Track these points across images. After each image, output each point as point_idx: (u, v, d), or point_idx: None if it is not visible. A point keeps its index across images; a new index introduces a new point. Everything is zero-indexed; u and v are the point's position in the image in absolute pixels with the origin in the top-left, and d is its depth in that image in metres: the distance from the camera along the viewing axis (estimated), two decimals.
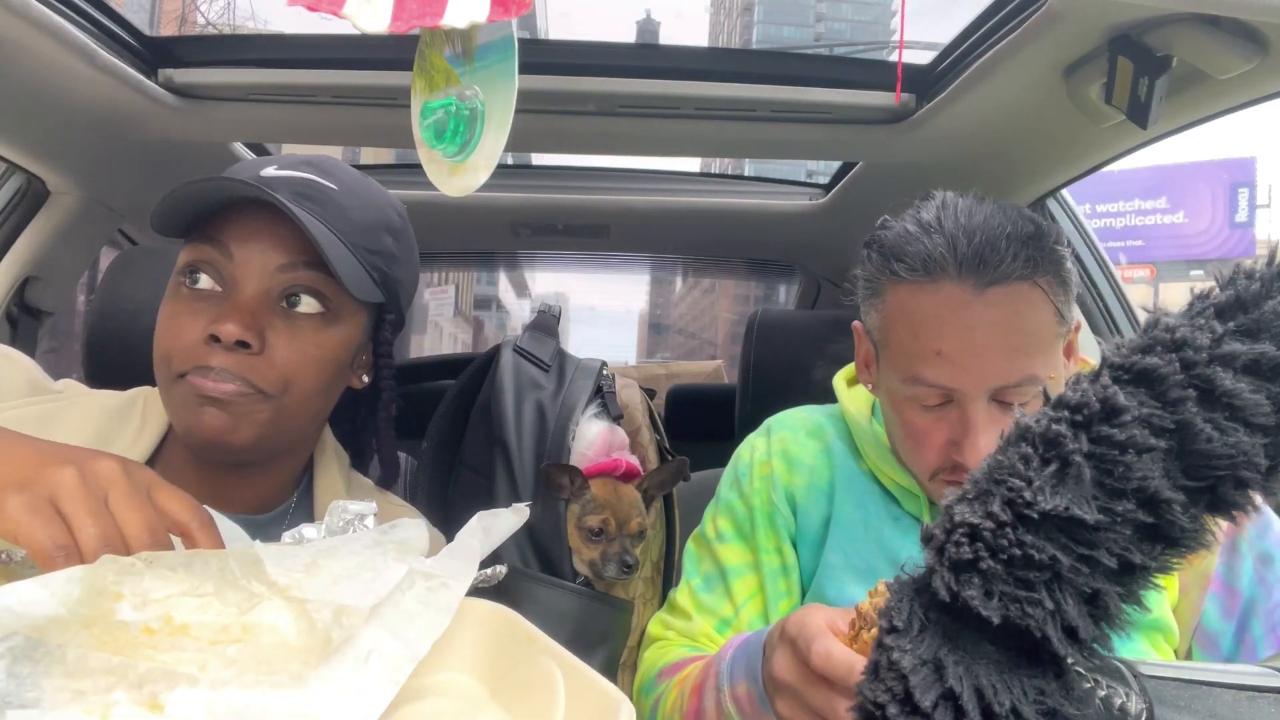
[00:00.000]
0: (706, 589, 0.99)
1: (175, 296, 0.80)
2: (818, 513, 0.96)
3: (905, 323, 0.85)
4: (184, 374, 0.77)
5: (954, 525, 0.36)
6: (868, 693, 0.36)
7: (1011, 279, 0.80)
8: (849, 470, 0.97)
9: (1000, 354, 0.81)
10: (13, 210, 1.43)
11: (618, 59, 1.31)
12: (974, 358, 0.81)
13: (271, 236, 0.79)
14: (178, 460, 0.85)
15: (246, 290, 0.78)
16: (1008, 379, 0.81)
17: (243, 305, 0.77)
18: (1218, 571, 0.86)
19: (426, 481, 1.31)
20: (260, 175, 0.81)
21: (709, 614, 0.97)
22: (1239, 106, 1.05)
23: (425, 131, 0.77)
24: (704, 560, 1.01)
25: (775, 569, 0.96)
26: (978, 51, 1.16)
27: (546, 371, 1.31)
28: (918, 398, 0.85)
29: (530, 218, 2.02)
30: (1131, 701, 0.37)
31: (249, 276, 0.79)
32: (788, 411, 1.06)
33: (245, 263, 0.79)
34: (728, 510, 1.01)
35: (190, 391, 0.77)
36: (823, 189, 1.96)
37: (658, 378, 3.12)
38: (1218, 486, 0.34)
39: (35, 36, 1.06)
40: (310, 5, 0.71)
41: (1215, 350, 0.35)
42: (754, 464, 1.01)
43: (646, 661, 0.99)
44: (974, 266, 0.80)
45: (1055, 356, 0.83)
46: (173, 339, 0.78)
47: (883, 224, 0.90)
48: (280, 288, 0.79)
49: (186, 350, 0.77)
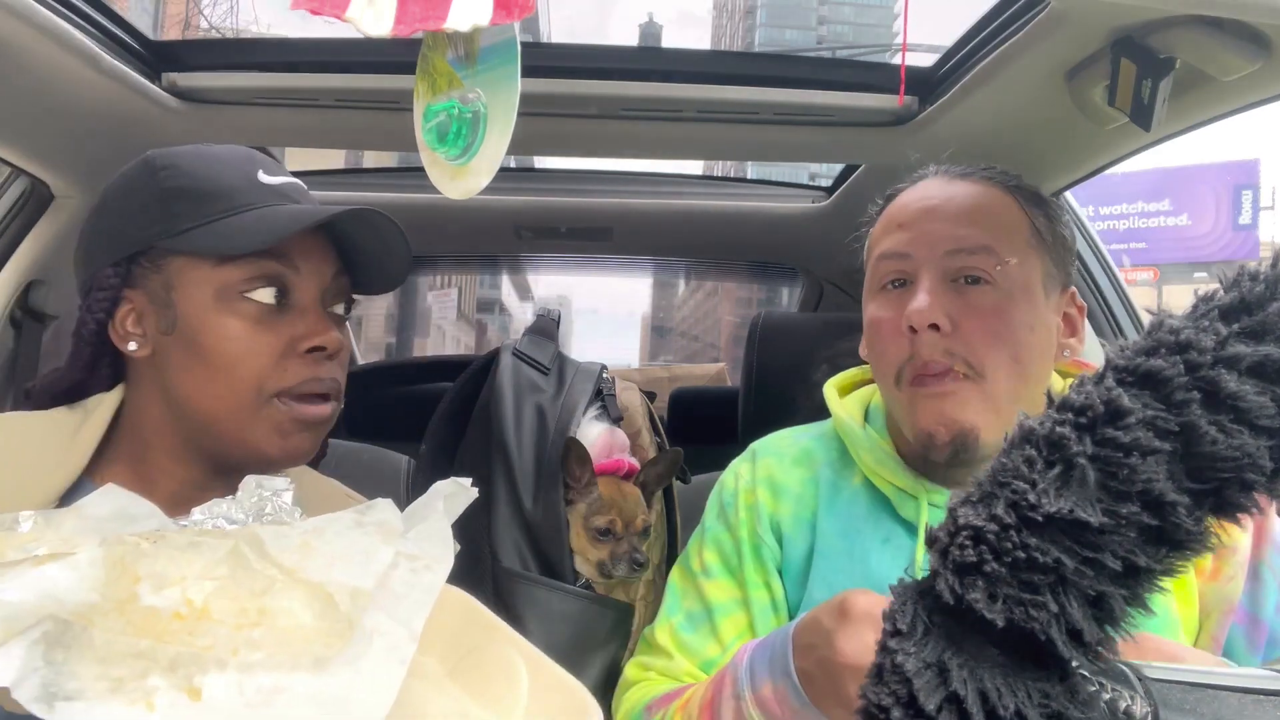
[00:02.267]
0: (690, 628, 0.94)
1: (238, 313, 0.77)
2: (803, 544, 0.93)
3: (882, 220, 0.93)
4: (278, 394, 0.77)
5: (958, 528, 0.36)
6: (871, 696, 0.36)
7: (979, 177, 0.89)
8: (838, 494, 0.93)
9: (953, 220, 0.86)
10: (17, 214, 1.44)
11: (620, 62, 1.32)
12: (927, 221, 0.87)
13: (322, 247, 0.82)
14: (127, 468, 0.81)
15: (305, 300, 0.80)
16: (961, 243, 0.84)
17: (318, 314, 0.81)
18: (1241, 601, 0.82)
19: (425, 483, 1.30)
20: (261, 182, 0.82)
21: (692, 654, 0.93)
22: (1243, 108, 1.05)
23: (428, 134, 0.77)
24: (688, 595, 0.97)
25: (765, 605, 0.93)
26: (980, 54, 1.16)
27: (546, 375, 1.31)
28: (879, 280, 0.89)
29: (533, 220, 2.02)
30: (1136, 705, 0.37)
31: (310, 287, 0.81)
32: (774, 435, 1.04)
33: (310, 274, 0.81)
34: (714, 542, 0.97)
35: (287, 416, 0.78)
36: (825, 191, 1.96)
37: (660, 381, 3.12)
38: (1223, 489, 0.34)
39: (39, 41, 1.06)
40: (314, 9, 0.71)
41: (1220, 352, 0.35)
42: (739, 492, 0.97)
43: (629, 701, 0.93)
44: (947, 169, 0.92)
45: (1022, 251, 0.86)
46: (257, 358, 0.77)
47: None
48: (332, 295, 0.83)
49: (279, 369, 0.77)
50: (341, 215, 0.78)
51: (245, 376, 0.77)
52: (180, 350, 0.78)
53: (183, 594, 0.41)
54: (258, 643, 0.40)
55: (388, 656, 0.41)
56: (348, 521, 0.48)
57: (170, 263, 0.79)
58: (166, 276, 0.79)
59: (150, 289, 0.80)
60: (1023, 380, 0.83)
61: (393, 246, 0.85)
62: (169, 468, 0.82)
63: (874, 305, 0.90)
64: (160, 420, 0.81)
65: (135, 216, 0.80)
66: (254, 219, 0.78)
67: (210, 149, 0.84)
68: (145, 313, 0.80)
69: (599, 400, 1.31)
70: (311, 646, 0.40)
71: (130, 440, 0.82)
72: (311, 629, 0.41)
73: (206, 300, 0.78)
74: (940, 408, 0.83)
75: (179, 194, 0.79)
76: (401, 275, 0.88)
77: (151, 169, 0.81)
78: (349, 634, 0.41)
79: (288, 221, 0.78)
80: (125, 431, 0.83)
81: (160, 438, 0.81)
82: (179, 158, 0.82)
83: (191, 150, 0.83)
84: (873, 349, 0.91)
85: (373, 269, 0.87)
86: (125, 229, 0.80)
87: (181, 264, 0.79)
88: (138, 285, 0.80)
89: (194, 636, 0.39)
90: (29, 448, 0.79)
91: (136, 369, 0.82)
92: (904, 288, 0.88)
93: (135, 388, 0.83)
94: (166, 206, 0.79)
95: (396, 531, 0.48)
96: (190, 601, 0.40)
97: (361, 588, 0.43)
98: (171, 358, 0.79)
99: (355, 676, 0.40)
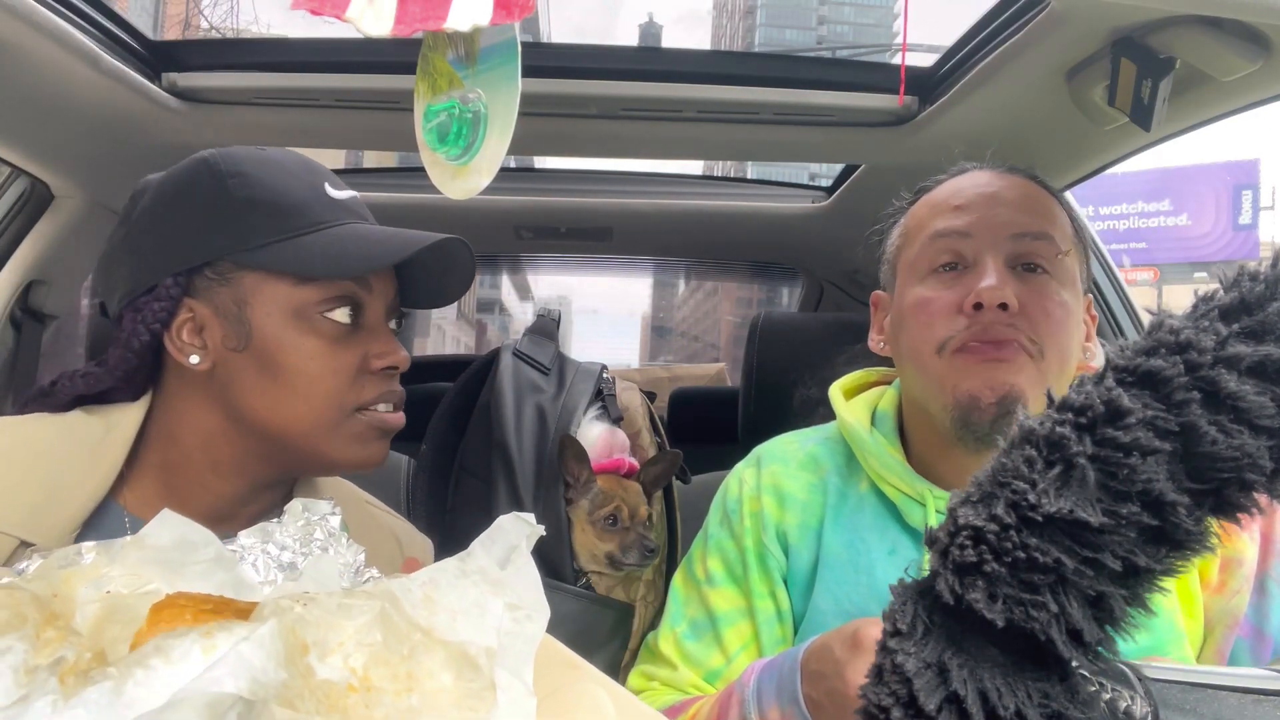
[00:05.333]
0: (694, 636, 0.93)
1: (317, 332, 0.77)
2: (809, 553, 0.91)
3: (926, 205, 0.92)
4: (363, 408, 0.79)
5: (958, 528, 0.36)
6: (871, 696, 0.36)
7: (1026, 175, 0.90)
8: (844, 500, 0.92)
9: (1016, 205, 0.87)
10: (17, 214, 1.44)
11: (620, 62, 1.32)
12: (989, 205, 0.87)
13: (389, 268, 0.83)
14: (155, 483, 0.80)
15: (374, 318, 0.82)
16: (1026, 228, 0.85)
17: (388, 333, 0.83)
18: (1246, 614, 0.81)
19: (425, 484, 1.31)
20: (330, 197, 0.81)
21: (696, 665, 0.92)
22: (1242, 108, 1.05)
23: (428, 135, 0.77)
24: (691, 604, 0.95)
25: (770, 615, 0.91)
26: (980, 54, 1.16)
27: (546, 375, 1.31)
28: (933, 259, 0.88)
29: (533, 220, 2.02)
30: (1136, 705, 0.37)
31: (379, 306, 0.82)
32: (778, 440, 1.02)
33: (380, 294, 0.82)
34: (718, 550, 0.95)
35: (368, 425, 0.80)
36: (825, 191, 1.96)
37: (660, 381, 3.12)
38: (1223, 489, 0.34)
39: (39, 41, 1.06)
40: (314, 9, 0.71)
41: (1220, 352, 0.35)
42: (743, 500, 0.95)
43: None
44: (995, 166, 0.91)
45: (1070, 245, 0.88)
46: (335, 376, 0.78)
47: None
48: (391, 310, 0.85)
49: (356, 386, 0.79)
50: (429, 249, 0.79)
51: (323, 393, 0.77)
52: (253, 367, 0.76)
53: (345, 663, 0.40)
54: (418, 710, 0.39)
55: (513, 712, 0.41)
56: (454, 571, 0.48)
57: (243, 277, 0.76)
58: (238, 291, 0.76)
59: (217, 302, 0.77)
60: (1065, 370, 0.84)
61: (460, 271, 0.87)
62: (208, 481, 0.79)
63: (923, 286, 0.87)
64: (211, 433, 0.78)
65: (203, 226, 0.77)
66: (337, 242, 0.78)
67: (272, 155, 0.82)
68: (208, 325, 0.77)
69: (599, 400, 1.32)
70: (459, 711, 0.40)
71: (161, 453, 0.80)
72: (454, 691, 0.41)
73: (284, 318, 0.76)
74: (993, 371, 0.81)
75: (252, 205, 0.76)
76: (457, 296, 0.90)
77: (217, 175, 0.78)
78: (491, 695, 0.41)
79: (381, 250, 0.79)
80: (155, 444, 0.80)
81: (205, 451, 0.79)
82: (245, 164, 0.78)
83: (254, 156, 0.80)
84: (912, 328, 0.87)
85: (430, 287, 0.88)
86: (191, 237, 0.77)
87: (256, 279, 0.76)
88: (200, 296, 0.77)
89: (369, 709, 0.38)
90: (52, 457, 0.76)
91: (184, 381, 0.79)
92: (958, 271, 0.86)
93: (177, 400, 0.80)
94: (240, 218, 0.76)
95: (500, 581, 0.48)
96: (355, 670, 0.40)
97: (491, 646, 0.43)
98: (242, 374, 0.77)
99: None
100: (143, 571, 0.46)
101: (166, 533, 0.50)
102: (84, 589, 0.43)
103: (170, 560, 0.48)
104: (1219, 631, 0.82)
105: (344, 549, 0.54)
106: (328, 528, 0.55)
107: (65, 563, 0.46)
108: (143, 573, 0.46)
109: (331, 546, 0.54)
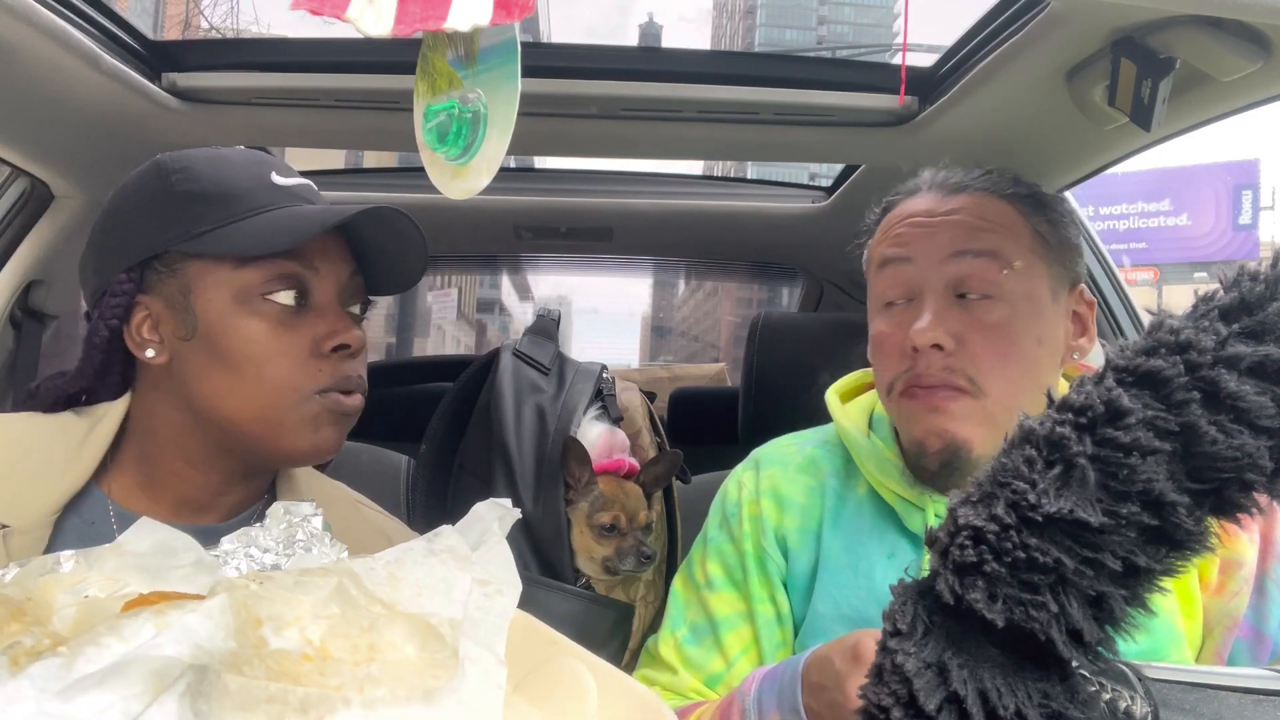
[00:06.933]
0: (694, 641, 0.93)
1: (259, 315, 0.77)
2: (808, 557, 0.91)
3: (881, 230, 0.93)
4: (321, 391, 0.78)
5: (958, 528, 0.36)
6: (871, 696, 0.36)
7: (976, 189, 0.88)
8: (843, 504, 0.92)
9: (955, 225, 0.86)
10: (17, 214, 1.44)
11: (620, 62, 1.32)
12: (928, 228, 0.87)
13: (339, 247, 0.82)
14: (136, 474, 0.81)
15: (324, 300, 0.81)
16: (967, 244, 0.84)
17: (338, 313, 0.81)
18: (1245, 616, 0.81)
19: (425, 484, 1.31)
20: (275, 184, 0.81)
21: (697, 669, 0.92)
22: (1242, 108, 1.05)
23: (428, 135, 0.77)
24: (691, 607, 0.96)
25: (770, 619, 0.91)
26: (980, 54, 1.16)
27: (546, 375, 1.31)
28: (882, 293, 0.89)
29: (533, 221, 2.02)
30: (1137, 705, 0.37)
31: (328, 287, 0.81)
32: (776, 442, 1.02)
33: (328, 275, 0.81)
34: (717, 553, 0.95)
35: (324, 408, 0.79)
36: (825, 192, 1.96)
37: (660, 381, 3.12)
38: (1223, 489, 0.34)
39: (39, 41, 1.06)
40: (314, 9, 0.71)
41: (1220, 352, 0.35)
42: (742, 503, 0.95)
43: None
44: (943, 180, 0.90)
45: (1025, 257, 0.85)
46: (282, 358, 0.77)
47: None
48: (349, 294, 0.83)
49: (309, 370, 0.78)
50: (361, 214, 0.78)
51: (272, 378, 0.77)
52: (201, 355, 0.77)
53: (301, 634, 0.40)
54: (377, 679, 0.40)
55: (483, 683, 0.42)
56: (421, 550, 0.48)
57: (187, 267, 0.78)
58: (183, 281, 0.78)
59: (166, 294, 0.78)
60: (1027, 394, 0.82)
61: (409, 244, 0.85)
62: (183, 473, 0.81)
63: (879, 319, 0.90)
64: (179, 427, 0.80)
65: (149, 221, 0.79)
66: (271, 221, 0.78)
67: (221, 152, 0.84)
68: (162, 318, 0.79)
69: (599, 400, 1.32)
70: (421, 679, 0.40)
71: (139, 446, 0.81)
72: (417, 661, 0.41)
73: (226, 303, 0.77)
74: (932, 419, 0.83)
75: (194, 197, 0.78)
76: (418, 274, 0.88)
77: (164, 172, 0.80)
78: (453, 664, 0.41)
79: (307, 223, 0.77)
80: (134, 438, 0.82)
81: (176, 444, 0.80)
82: (191, 161, 0.80)
83: (203, 153, 0.82)
84: (874, 362, 0.91)
85: (388, 268, 0.87)
86: (139, 234, 0.79)
87: (199, 268, 0.78)
88: (153, 291, 0.79)
89: (325, 677, 0.39)
90: (37, 451, 0.78)
91: (150, 376, 0.81)
92: (903, 306, 0.87)
93: (148, 395, 0.81)
94: (182, 210, 0.78)
95: (468, 558, 0.48)
96: (310, 641, 0.40)
97: (456, 617, 0.43)
98: (192, 363, 0.78)
99: (459, 705, 0.40)
100: (122, 577, 0.46)
101: (145, 539, 0.50)
102: (61, 595, 0.44)
103: (150, 566, 0.49)
104: (1218, 633, 0.82)
105: (327, 548, 0.54)
106: (309, 529, 0.55)
107: (43, 570, 0.46)
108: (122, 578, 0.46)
109: (315, 546, 0.54)
